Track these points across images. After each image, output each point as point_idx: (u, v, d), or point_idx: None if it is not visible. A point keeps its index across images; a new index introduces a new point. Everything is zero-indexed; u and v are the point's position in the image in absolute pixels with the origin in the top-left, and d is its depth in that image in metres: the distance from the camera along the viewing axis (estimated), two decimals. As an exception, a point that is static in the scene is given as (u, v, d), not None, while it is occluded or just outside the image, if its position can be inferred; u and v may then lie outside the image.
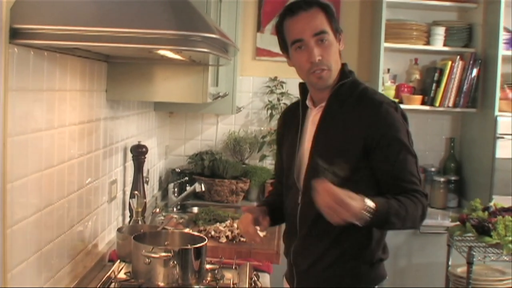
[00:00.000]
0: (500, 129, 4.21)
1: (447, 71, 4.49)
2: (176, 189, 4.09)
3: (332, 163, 2.22)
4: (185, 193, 4.03)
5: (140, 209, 3.02)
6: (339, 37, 2.36)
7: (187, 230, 3.18)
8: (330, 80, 2.32)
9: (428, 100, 4.57)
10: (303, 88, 2.48)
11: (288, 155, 2.48)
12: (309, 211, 2.32)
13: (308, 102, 2.44)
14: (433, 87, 4.54)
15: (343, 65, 2.40)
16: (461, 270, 3.63)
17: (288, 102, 4.61)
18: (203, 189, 4.07)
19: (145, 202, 3.12)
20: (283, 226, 2.59)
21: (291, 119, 2.50)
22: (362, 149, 2.24)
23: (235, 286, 2.53)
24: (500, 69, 4.26)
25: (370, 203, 2.06)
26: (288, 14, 2.32)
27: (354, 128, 2.26)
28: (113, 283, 2.45)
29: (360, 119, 2.27)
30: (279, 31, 2.37)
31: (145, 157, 3.19)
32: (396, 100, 4.52)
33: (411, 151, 2.29)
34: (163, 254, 2.30)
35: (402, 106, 4.44)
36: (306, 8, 2.29)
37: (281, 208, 2.53)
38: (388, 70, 4.68)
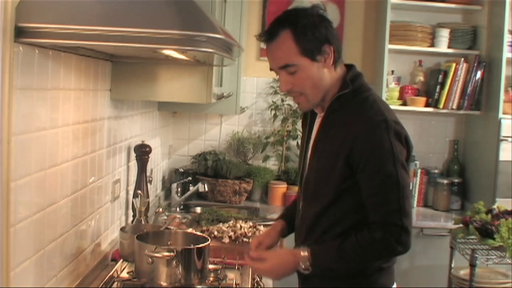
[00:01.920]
0: (504, 132, 4.20)
1: (451, 73, 4.49)
2: (179, 189, 4.10)
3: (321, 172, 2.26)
4: (188, 193, 4.03)
5: (143, 209, 3.02)
6: (318, 58, 2.18)
7: (190, 230, 3.18)
8: (309, 104, 2.28)
9: (432, 102, 4.56)
10: None
11: (299, 159, 2.50)
12: (306, 218, 2.35)
13: (316, 108, 2.38)
14: (437, 89, 4.54)
15: (347, 71, 2.29)
16: (464, 272, 3.63)
17: (292, 103, 4.62)
18: (206, 189, 4.07)
19: (148, 202, 3.12)
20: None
21: (305, 121, 2.48)
22: (346, 166, 2.17)
23: (237, 286, 2.53)
24: (504, 71, 4.26)
25: (303, 253, 2.21)
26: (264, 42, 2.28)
27: (341, 144, 2.18)
28: (115, 283, 2.45)
29: (347, 135, 2.17)
30: None
31: (148, 157, 3.19)
32: (400, 102, 4.55)
33: (392, 177, 2.12)
34: (166, 254, 2.30)
35: (406, 108, 4.51)
36: (272, 38, 2.19)
37: None
38: (392, 71, 4.68)
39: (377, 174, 2.14)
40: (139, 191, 3.05)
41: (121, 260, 2.69)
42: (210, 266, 2.57)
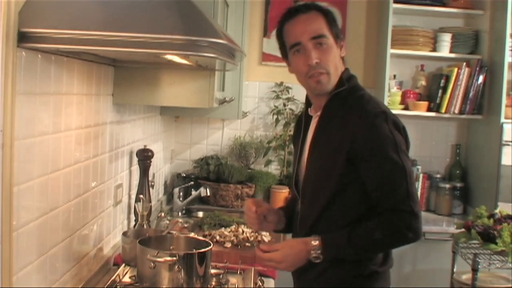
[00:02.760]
0: (506, 136, 4.20)
1: (453, 78, 4.49)
2: (181, 194, 4.10)
3: (321, 172, 2.26)
4: (190, 197, 4.03)
5: (145, 213, 3.02)
6: (340, 43, 2.30)
7: (192, 234, 3.18)
8: (329, 86, 2.28)
9: (434, 106, 4.56)
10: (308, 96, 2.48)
11: (293, 163, 2.50)
12: (305, 221, 2.36)
13: (310, 110, 2.43)
14: (439, 94, 4.54)
15: (344, 72, 2.34)
16: (466, 277, 3.63)
17: (294, 108, 4.63)
18: (208, 193, 4.07)
19: (151, 206, 3.12)
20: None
21: (299, 127, 2.51)
22: (347, 161, 2.19)
23: (239, 291, 2.53)
24: (506, 76, 4.26)
25: (314, 242, 2.20)
26: (287, 18, 2.31)
27: (341, 139, 2.21)
28: (118, 287, 2.45)
29: (346, 130, 2.20)
30: (280, 36, 2.36)
31: (150, 161, 3.19)
32: (402, 107, 4.55)
33: (398, 164, 2.16)
34: (168, 258, 2.30)
35: (407, 112, 4.51)
36: (305, 10, 2.27)
37: None
38: (394, 76, 4.68)
39: (383, 163, 2.17)
40: (141, 196, 3.05)
41: (123, 264, 2.69)
42: (212, 271, 2.57)
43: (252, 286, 2.59)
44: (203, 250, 2.41)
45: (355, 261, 2.27)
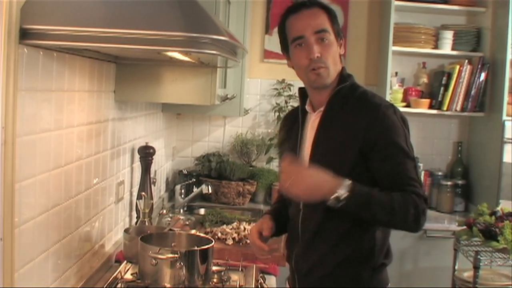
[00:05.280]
0: (508, 134, 4.20)
1: (455, 75, 4.48)
2: (183, 191, 4.10)
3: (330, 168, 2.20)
4: (192, 194, 4.03)
5: (147, 210, 3.03)
6: (340, 41, 2.34)
7: (193, 231, 3.19)
8: (328, 80, 2.29)
9: (436, 104, 4.56)
10: (302, 93, 2.47)
11: None
12: (310, 218, 2.33)
13: (307, 107, 2.43)
14: (441, 91, 4.54)
15: (342, 69, 2.37)
16: (467, 274, 3.62)
17: (296, 105, 4.62)
18: (210, 190, 4.06)
19: (152, 203, 3.13)
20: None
21: (291, 124, 2.49)
22: (359, 153, 2.21)
23: (241, 288, 2.53)
24: (508, 73, 4.25)
25: (346, 182, 2.11)
26: (290, 12, 2.34)
27: (352, 132, 2.23)
28: (119, 284, 2.45)
29: (357, 122, 2.23)
30: (281, 30, 2.38)
31: (152, 158, 3.19)
32: (404, 104, 4.55)
33: (409, 154, 2.23)
34: (170, 255, 2.30)
35: (409, 109, 4.51)
36: (309, 5, 2.31)
37: (287, 213, 2.52)
38: (396, 73, 4.68)
39: (397, 152, 2.21)
40: (143, 193, 3.05)
41: (125, 261, 2.70)
42: (214, 268, 2.57)
43: (253, 283, 2.59)
44: (204, 247, 2.42)
45: (366, 253, 2.27)
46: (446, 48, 4.55)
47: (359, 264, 2.29)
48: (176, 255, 2.30)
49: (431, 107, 4.57)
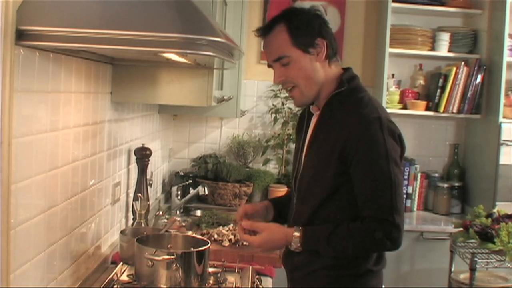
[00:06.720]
0: (504, 136, 4.21)
1: (451, 77, 4.49)
2: (179, 192, 4.10)
3: (316, 174, 2.28)
4: (189, 196, 4.03)
5: (143, 212, 3.02)
6: (312, 50, 2.26)
7: (190, 233, 3.18)
8: (303, 98, 2.32)
9: (433, 105, 4.57)
10: None
11: (293, 160, 2.51)
12: (299, 218, 2.36)
13: (312, 108, 2.44)
14: (438, 93, 4.55)
15: (344, 72, 2.35)
16: (463, 276, 3.63)
17: (292, 107, 4.62)
18: (207, 192, 4.07)
19: (149, 205, 3.12)
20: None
21: (301, 123, 2.52)
22: (340, 163, 2.20)
23: (237, 289, 2.53)
24: (504, 75, 4.26)
25: (296, 233, 2.25)
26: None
27: (336, 140, 2.22)
28: (115, 285, 2.45)
29: (342, 132, 2.21)
30: None
31: (149, 160, 3.19)
32: (400, 106, 4.56)
33: (385, 173, 2.16)
34: (166, 257, 2.30)
35: (406, 111, 4.51)
36: (267, 32, 2.30)
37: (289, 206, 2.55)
38: (393, 75, 4.68)
39: (370, 170, 2.17)
40: (139, 194, 3.05)
41: (121, 263, 2.69)
42: (210, 269, 2.57)
43: (250, 284, 2.59)
44: (201, 248, 2.41)
45: (349, 260, 2.28)
46: (443, 50, 4.56)
47: (340, 269, 2.29)
48: (172, 257, 2.30)
49: (427, 109, 4.58)
